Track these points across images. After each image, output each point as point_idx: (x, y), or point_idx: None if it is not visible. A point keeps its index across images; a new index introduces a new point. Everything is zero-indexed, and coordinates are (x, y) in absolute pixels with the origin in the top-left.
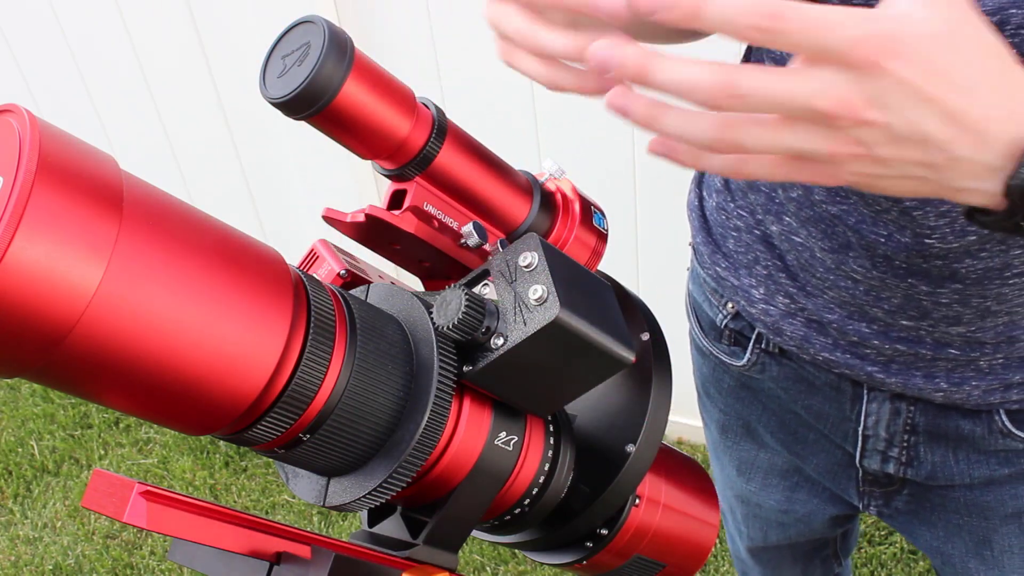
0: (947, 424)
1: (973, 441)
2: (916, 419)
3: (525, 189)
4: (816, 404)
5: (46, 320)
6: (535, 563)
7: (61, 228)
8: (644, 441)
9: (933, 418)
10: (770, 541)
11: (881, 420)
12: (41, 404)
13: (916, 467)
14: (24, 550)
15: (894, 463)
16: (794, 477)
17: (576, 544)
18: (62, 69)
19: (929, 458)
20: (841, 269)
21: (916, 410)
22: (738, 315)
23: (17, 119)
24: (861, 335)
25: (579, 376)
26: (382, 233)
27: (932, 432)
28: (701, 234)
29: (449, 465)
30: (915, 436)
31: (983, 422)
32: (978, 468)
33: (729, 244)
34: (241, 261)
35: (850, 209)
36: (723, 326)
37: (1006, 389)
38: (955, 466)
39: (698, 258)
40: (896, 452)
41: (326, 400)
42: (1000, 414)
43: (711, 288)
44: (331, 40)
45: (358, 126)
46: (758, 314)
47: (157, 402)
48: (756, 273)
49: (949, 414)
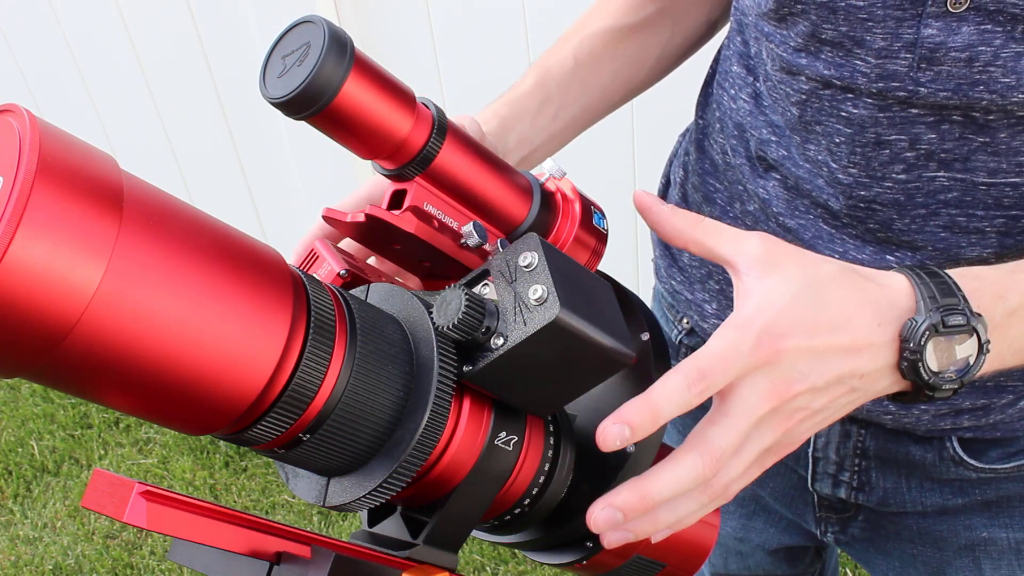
0: (898, 449)
1: (924, 468)
2: (867, 443)
3: (525, 189)
4: None
5: (46, 320)
6: (535, 563)
7: (61, 228)
8: (644, 441)
9: (884, 443)
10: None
11: (831, 442)
12: (41, 404)
13: (868, 492)
14: (24, 550)
15: (845, 488)
16: (751, 504)
17: (576, 544)
18: (62, 69)
19: (880, 483)
20: None
21: (867, 433)
22: (692, 331)
23: (17, 119)
24: None
25: (579, 376)
26: (382, 233)
27: (883, 457)
28: (659, 247)
29: (449, 465)
30: (866, 460)
31: (934, 449)
32: (931, 496)
33: (684, 258)
34: (241, 261)
35: (808, 224)
36: (678, 342)
37: (956, 415)
38: (907, 493)
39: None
40: (847, 476)
41: (326, 400)
42: (952, 441)
43: (668, 303)
44: (331, 40)
45: (358, 126)
46: (710, 328)
47: (157, 402)
48: (709, 288)
49: (900, 439)
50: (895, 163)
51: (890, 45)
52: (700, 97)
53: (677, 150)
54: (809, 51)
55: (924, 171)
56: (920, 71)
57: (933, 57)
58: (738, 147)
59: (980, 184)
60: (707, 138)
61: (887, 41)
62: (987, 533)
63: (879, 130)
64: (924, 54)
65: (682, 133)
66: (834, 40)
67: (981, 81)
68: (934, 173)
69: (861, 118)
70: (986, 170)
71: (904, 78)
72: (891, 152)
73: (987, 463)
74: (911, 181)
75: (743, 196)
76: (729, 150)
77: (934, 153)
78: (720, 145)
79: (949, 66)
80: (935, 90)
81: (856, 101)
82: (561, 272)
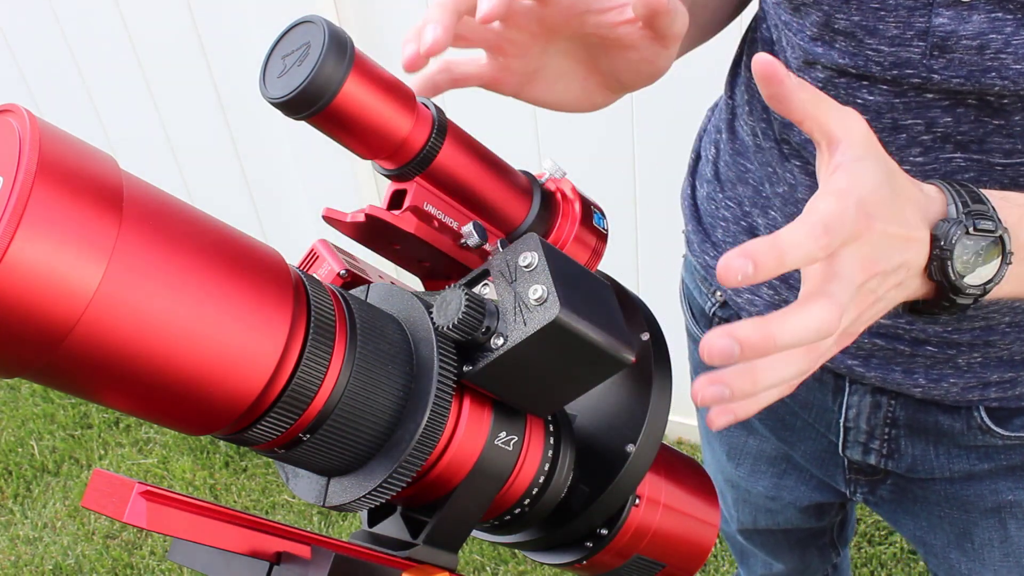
0: (927, 419)
1: (953, 436)
2: (896, 413)
3: (525, 189)
4: (801, 393)
5: (46, 320)
6: (535, 563)
7: (61, 228)
8: (644, 441)
9: (913, 412)
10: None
11: (862, 413)
12: (41, 404)
13: (897, 459)
14: (24, 550)
15: (875, 455)
16: (782, 464)
17: (576, 544)
18: (62, 69)
19: (910, 451)
20: None
21: (897, 404)
22: (725, 304)
23: (17, 119)
24: None
25: (579, 376)
26: (382, 233)
27: (912, 426)
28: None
29: (449, 465)
30: (896, 429)
31: (962, 418)
32: (958, 462)
33: (718, 233)
34: (241, 261)
35: None
36: (712, 314)
37: (984, 387)
38: (935, 460)
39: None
40: (877, 444)
41: (326, 400)
42: (979, 411)
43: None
44: (331, 40)
45: (358, 126)
46: (744, 303)
47: (157, 402)
48: None
49: (929, 409)
50: (912, 146)
51: (903, 34)
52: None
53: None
54: (824, 40)
55: (941, 152)
56: (933, 59)
57: (945, 45)
58: (768, 130)
59: (996, 165)
60: (737, 119)
61: (899, 30)
62: (1012, 496)
63: (895, 115)
64: (936, 42)
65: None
66: (847, 30)
67: (993, 68)
68: (951, 155)
69: (877, 104)
70: (1002, 151)
71: (917, 65)
72: (908, 136)
73: (1013, 431)
74: (929, 163)
75: (773, 178)
76: (760, 132)
77: (950, 136)
78: (751, 127)
79: (961, 54)
80: (948, 76)
81: (871, 88)
82: (561, 272)
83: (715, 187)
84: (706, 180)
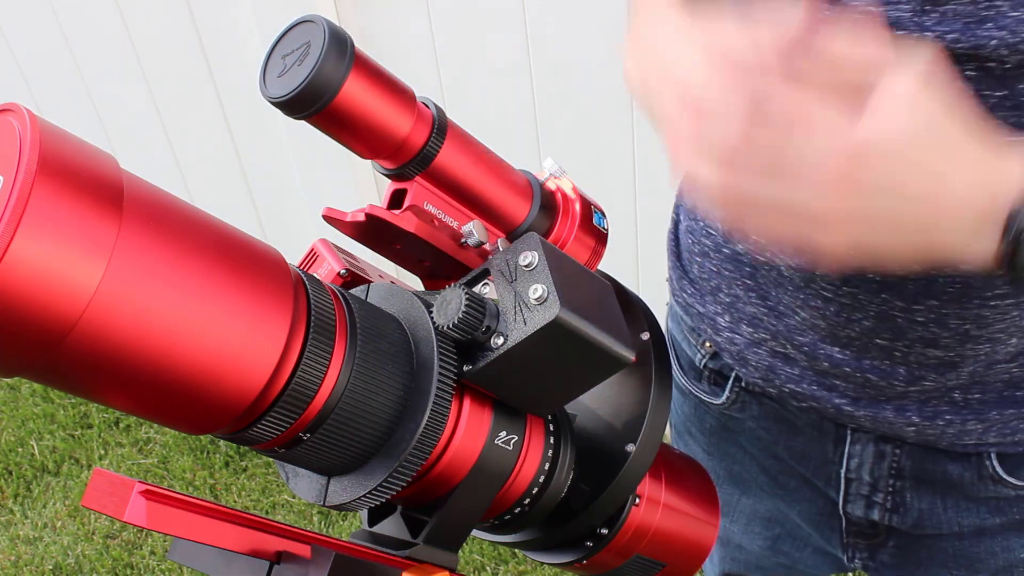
0: (934, 468)
1: (962, 487)
2: (902, 462)
3: (525, 189)
4: (798, 445)
5: (46, 319)
6: (535, 563)
7: (61, 227)
8: (644, 441)
9: (920, 462)
10: None
11: (864, 463)
12: (41, 404)
13: (902, 514)
14: (24, 550)
15: (879, 509)
16: (776, 528)
17: (576, 543)
18: (62, 69)
19: (916, 504)
20: (811, 287)
21: (902, 453)
22: (716, 354)
23: (17, 118)
24: (833, 361)
25: (579, 376)
26: (382, 233)
27: (919, 477)
28: (672, 258)
29: (449, 465)
30: (901, 481)
31: (972, 467)
32: (967, 516)
33: (694, 270)
34: (241, 260)
35: None
36: (702, 366)
37: (985, 430)
38: (943, 513)
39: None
40: (881, 497)
41: (326, 399)
42: (991, 458)
43: (687, 326)
44: (331, 39)
45: (358, 125)
46: (724, 343)
47: (157, 401)
48: (720, 300)
49: (937, 458)
50: None
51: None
52: None
53: None
54: None
55: None
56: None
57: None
58: None
59: None
60: None
61: None
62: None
63: None
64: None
65: None
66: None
67: (989, 18)
68: None
69: None
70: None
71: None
72: None
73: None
74: None
75: None
76: None
77: None
78: None
79: (954, 5)
80: (942, 33)
81: None
82: (561, 272)
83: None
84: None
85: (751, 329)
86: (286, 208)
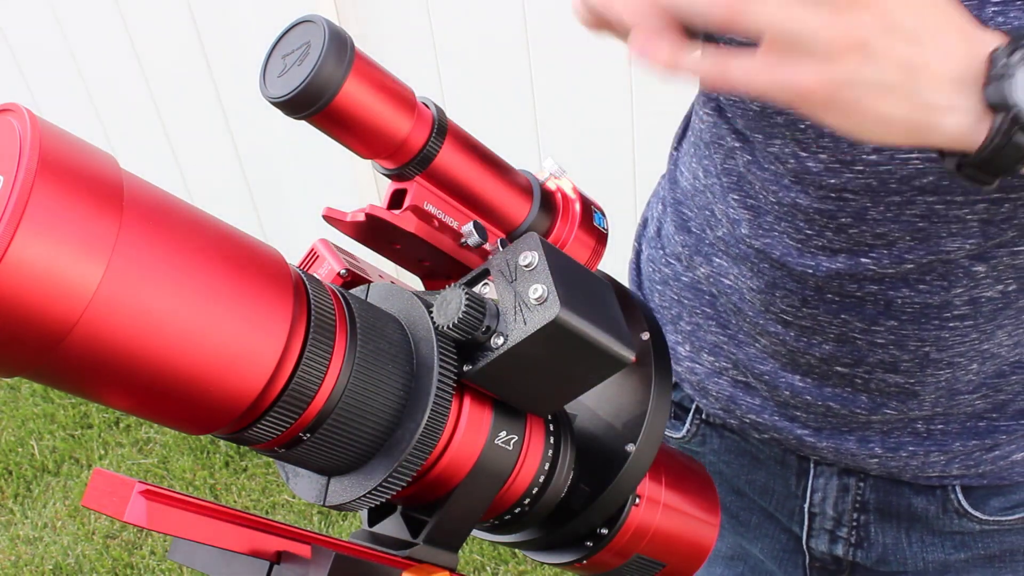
0: (899, 501)
1: (927, 521)
2: (866, 495)
3: (525, 189)
4: (760, 479)
5: (46, 319)
6: (535, 563)
7: (61, 227)
8: (644, 441)
9: (884, 494)
10: None
11: (828, 496)
12: (41, 404)
13: (867, 549)
14: (24, 550)
15: (843, 544)
16: (739, 566)
17: (576, 543)
18: (62, 69)
19: (880, 539)
20: (770, 311)
21: (866, 486)
22: (676, 385)
23: (17, 118)
24: (794, 389)
25: (579, 376)
26: (382, 233)
27: (883, 510)
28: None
29: (449, 464)
30: (865, 515)
31: (937, 499)
32: (932, 551)
33: (655, 299)
34: (241, 260)
35: (774, 242)
36: None
37: (948, 462)
38: (907, 549)
39: None
40: (845, 532)
41: (326, 399)
42: (955, 491)
43: None
44: (331, 39)
45: (358, 125)
46: (684, 372)
47: (157, 401)
48: (681, 329)
49: (901, 490)
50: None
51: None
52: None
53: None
54: None
55: (897, 152)
56: None
57: None
58: (709, 167)
59: None
60: (678, 167)
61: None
62: None
63: None
64: None
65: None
66: None
67: None
68: (907, 155)
69: None
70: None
71: None
72: None
73: (990, 514)
74: (883, 163)
75: (712, 221)
76: (701, 173)
77: None
78: (692, 171)
79: None
80: None
81: None
82: (561, 271)
83: (656, 245)
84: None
85: (712, 358)
86: (286, 208)
